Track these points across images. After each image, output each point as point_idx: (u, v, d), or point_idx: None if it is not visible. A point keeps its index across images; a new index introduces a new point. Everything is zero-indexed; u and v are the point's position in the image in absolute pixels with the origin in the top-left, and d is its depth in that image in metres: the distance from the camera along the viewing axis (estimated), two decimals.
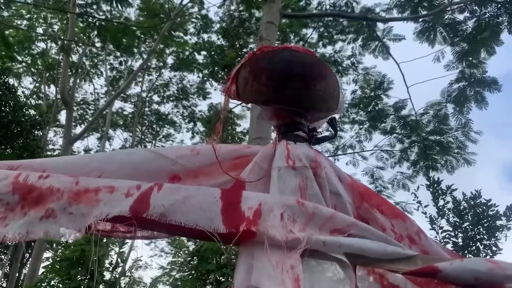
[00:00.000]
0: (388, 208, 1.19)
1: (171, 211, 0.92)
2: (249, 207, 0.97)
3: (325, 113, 1.28)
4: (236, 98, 1.29)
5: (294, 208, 1.01)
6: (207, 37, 13.30)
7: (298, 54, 1.25)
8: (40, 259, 9.89)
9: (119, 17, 13.56)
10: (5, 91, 9.77)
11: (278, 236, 0.93)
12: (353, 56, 11.44)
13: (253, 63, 1.24)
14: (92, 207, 0.92)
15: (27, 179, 0.98)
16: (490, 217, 6.05)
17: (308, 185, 1.10)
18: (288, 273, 0.90)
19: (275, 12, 7.22)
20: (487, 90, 8.70)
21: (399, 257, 1.05)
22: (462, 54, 8.61)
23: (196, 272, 6.62)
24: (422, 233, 1.20)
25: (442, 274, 1.04)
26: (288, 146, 1.16)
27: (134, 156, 1.11)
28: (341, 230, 1.02)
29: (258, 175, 1.12)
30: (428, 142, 9.81)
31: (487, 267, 1.05)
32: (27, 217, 0.90)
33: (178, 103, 17.11)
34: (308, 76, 1.19)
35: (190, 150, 1.14)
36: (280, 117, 1.25)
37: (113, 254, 8.56)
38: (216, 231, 0.92)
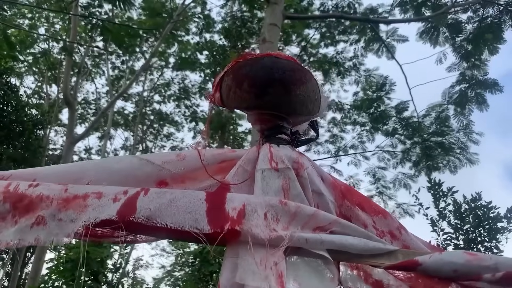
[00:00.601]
0: (370, 206, 1.23)
1: (157, 213, 0.96)
2: (233, 207, 1.01)
3: (306, 116, 1.32)
4: (221, 104, 1.33)
5: (277, 207, 1.04)
6: (209, 37, 13.39)
7: (279, 60, 1.30)
8: (42, 259, 9.85)
9: (121, 16, 13.58)
10: (7, 90, 9.75)
11: (261, 234, 0.97)
12: (355, 58, 11.52)
13: (235, 71, 1.29)
14: (81, 213, 0.95)
15: (18, 188, 1.01)
16: (491, 219, 6.06)
17: (291, 186, 1.14)
18: (271, 270, 0.93)
19: (278, 13, 7.27)
20: (489, 92, 8.78)
21: (380, 252, 1.09)
22: (464, 55, 8.68)
23: (199, 273, 6.60)
24: (403, 229, 1.24)
25: (422, 267, 1.08)
26: (271, 149, 1.20)
27: (122, 163, 1.15)
28: (324, 228, 1.06)
29: (242, 177, 1.16)
30: (430, 143, 9.84)
31: (465, 259, 1.09)
32: (18, 225, 0.93)
33: (180, 102, 17.12)
34: (289, 82, 1.23)
35: (176, 156, 1.18)
36: (263, 121, 1.29)
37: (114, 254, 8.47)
38: (201, 231, 0.96)
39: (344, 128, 11.83)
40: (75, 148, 14.07)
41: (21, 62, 13.55)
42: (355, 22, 10.56)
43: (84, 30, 13.71)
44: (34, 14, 13.77)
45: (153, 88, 17.63)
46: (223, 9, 11.96)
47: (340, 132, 11.94)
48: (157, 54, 14.62)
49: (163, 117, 17.59)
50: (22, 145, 9.98)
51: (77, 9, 10.91)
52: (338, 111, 12.05)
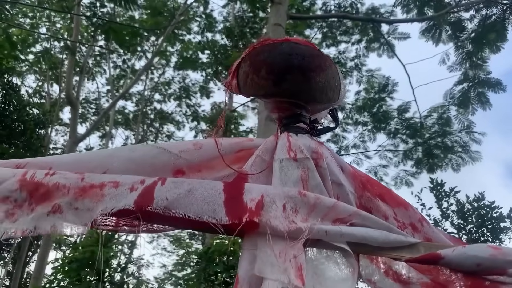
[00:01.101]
0: (391, 197, 1.20)
1: (175, 204, 0.94)
2: (251, 198, 0.99)
3: (326, 104, 1.28)
4: (237, 92, 1.30)
5: (296, 199, 1.02)
6: (211, 36, 13.32)
7: (298, 46, 1.26)
8: (46, 259, 9.98)
9: (122, 15, 13.56)
10: (8, 90, 9.82)
11: (280, 226, 0.95)
12: (357, 58, 11.42)
13: (252, 57, 1.25)
14: (98, 202, 0.94)
15: (34, 177, 1.00)
16: (494, 219, 6.07)
17: (310, 176, 1.11)
18: (291, 262, 0.91)
19: (282, 14, 7.18)
20: (492, 91, 8.69)
21: (401, 245, 1.07)
22: (466, 54, 8.55)
23: (204, 273, 6.65)
24: (425, 221, 1.21)
25: (445, 261, 1.05)
26: (290, 138, 1.17)
27: (138, 152, 1.13)
28: (343, 220, 1.04)
29: (260, 167, 1.14)
30: (432, 142, 9.79)
31: (490, 253, 1.06)
32: (35, 213, 0.93)
33: (181, 101, 17.13)
34: (307, 68, 1.19)
35: (193, 145, 1.16)
36: (281, 109, 1.26)
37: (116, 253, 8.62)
38: (219, 222, 0.94)
39: (346, 128, 11.78)
40: (77, 148, 14.23)
41: (22, 61, 13.60)
42: (357, 22, 10.43)
43: (86, 30, 13.68)
44: (36, 14, 13.79)
45: (153, 87, 17.61)
46: (225, 9, 11.86)
47: (342, 131, 11.92)
48: (158, 54, 14.57)
49: (164, 116, 17.60)
50: (23, 144, 10.07)
51: (79, 9, 10.88)
52: (340, 110, 11.96)
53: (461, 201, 6.42)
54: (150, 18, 13.14)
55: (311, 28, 11.99)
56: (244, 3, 9.75)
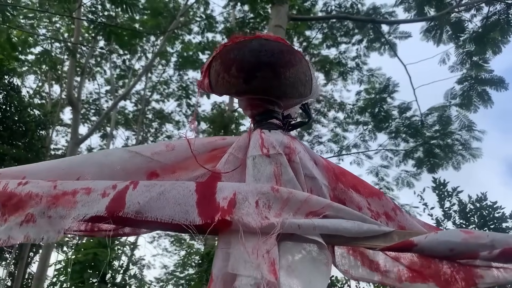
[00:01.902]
0: (364, 188, 1.22)
1: (147, 207, 0.95)
2: (223, 197, 1.00)
3: (298, 99, 1.29)
4: (210, 91, 1.30)
5: (269, 194, 1.03)
6: (212, 37, 13.26)
7: (268, 42, 1.26)
8: (48, 260, 9.99)
9: (122, 15, 13.41)
10: (9, 91, 9.74)
11: (252, 223, 0.96)
12: (358, 58, 11.42)
13: (223, 55, 1.26)
14: (70, 209, 0.95)
15: (7, 187, 1.01)
16: (496, 219, 6.08)
17: (282, 171, 1.12)
18: (263, 258, 0.93)
19: (283, 15, 7.15)
20: (494, 89, 8.69)
21: (375, 234, 1.08)
22: (467, 55, 8.54)
23: (206, 274, 6.67)
24: (398, 209, 1.23)
25: (418, 248, 1.07)
26: (262, 135, 1.18)
27: (111, 156, 1.14)
28: (316, 212, 1.05)
29: (233, 165, 1.15)
30: (433, 141, 9.82)
31: (462, 238, 1.08)
32: (8, 223, 0.93)
33: (181, 101, 17.07)
34: (277, 64, 1.20)
35: (165, 146, 1.16)
36: (254, 106, 1.27)
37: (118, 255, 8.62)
38: (192, 223, 0.95)
39: (347, 128, 11.78)
40: (78, 149, 14.14)
41: (22, 62, 13.43)
42: (358, 23, 10.41)
43: (87, 31, 13.53)
44: (36, 15, 13.60)
45: (153, 87, 17.50)
46: (225, 9, 11.78)
47: (343, 131, 11.94)
48: (159, 54, 14.48)
49: (164, 116, 17.52)
50: (25, 145, 10.01)
51: (80, 10, 10.75)
52: (341, 111, 12.01)
53: (464, 201, 6.44)
54: (150, 19, 12.99)
55: (312, 29, 11.97)
56: (245, 4, 9.70)
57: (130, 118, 17.82)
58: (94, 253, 6.76)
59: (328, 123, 12.45)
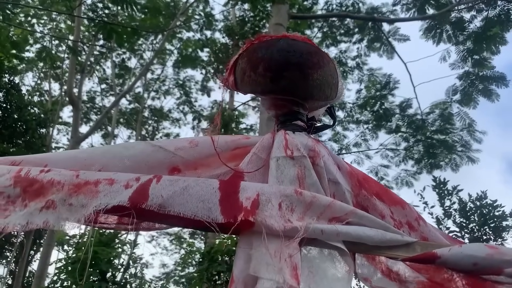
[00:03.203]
0: (387, 196, 1.20)
1: (170, 202, 0.93)
2: (247, 197, 0.98)
3: (323, 101, 1.27)
4: (235, 88, 1.29)
5: (292, 197, 1.01)
6: (210, 34, 13.28)
7: (296, 43, 1.25)
8: (49, 258, 9.97)
9: (121, 14, 13.45)
10: (10, 89, 9.77)
11: (276, 225, 0.94)
12: (358, 57, 11.40)
13: (250, 53, 1.24)
14: (92, 198, 0.93)
15: (29, 173, 1.00)
16: (496, 217, 6.04)
17: (306, 175, 1.10)
18: (286, 262, 0.91)
19: (284, 13, 7.15)
20: (495, 85, 8.66)
21: (398, 244, 1.06)
22: (467, 52, 8.52)
23: (207, 273, 6.65)
24: (421, 220, 1.20)
25: (441, 260, 1.04)
26: (286, 136, 1.16)
27: (133, 149, 1.12)
28: (340, 219, 1.03)
29: (256, 165, 1.13)
30: (433, 140, 9.79)
31: (486, 253, 1.05)
32: (28, 208, 0.92)
33: (180, 99, 17.09)
34: (305, 65, 1.18)
35: (188, 142, 1.15)
36: (278, 107, 1.25)
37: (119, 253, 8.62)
38: (214, 221, 0.93)
39: (347, 126, 11.76)
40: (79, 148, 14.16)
41: (22, 59, 13.48)
42: (358, 22, 10.41)
43: (88, 29, 13.57)
44: (36, 12, 13.68)
45: (148, 84, 17.53)
46: (225, 7, 11.81)
47: (343, 130, 11.91)
48: (159, 53, 14.52)
49: (162, 114, 17.52)
50: (25, 144, 10.03)
51: (80, 8, 10.80)
52: (341, 109, 11.98)
53: (464, 199, 6.42)
54: (149, 17, 13.01)
55: (311, 28, 11.96)
56: (246, 2, 9.72)
57: (129, 116, 17.85)
58: (95, 251, 6.74)
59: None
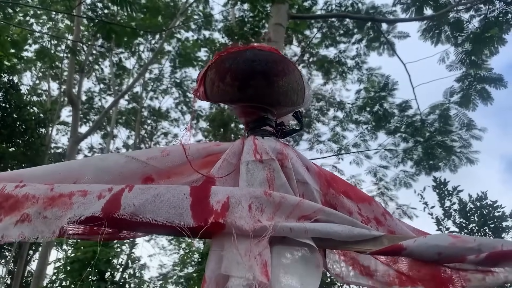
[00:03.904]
0: (355, 193, 1.25)
1: (142, 209, 0.97)
2: (217, 200, 1.02)
3: (290, 107, 1.33)
4: (205, 99, 1.34)
5: (262, 199, 1.06)
6: (209, 34, 13.35)
7: (261, 52, 1.31)
8: (47, 258, 9.90)
9: (121, 14, 13.42)
10: (9, 89, 9.70)
11: (245, 226, 0.98)
12: (357, 57, 11.52)
13: (218, 65, 1.29)
14: (66, 210, 0.96)
15: (4, 189, 1.03)
16: (496, 218, 6.08)
17: (275, 177, 1.15)
18: (256, 260, 0.95)
19: (283, 13, 7.23)
20: (493, 87, 8.70)
21: (365, 238, 1.11)
22: (466, 54, 8.59)
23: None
24: (388, 214, 1.25)
25: (407, 252, 1.09)
26: (256, 141, 1.21)
27: (107, 161, 1.16)
28: (308, 216, 1.08)
29: (227, 170, 1.17)
30: (432, 141, 9.85)
31: (449, 242, 1.11)
32: (3, 223, 0.95)
33: (178, 99, 17.10)
34: (270, 73, 1.24)
35: (160, 152, 1.19)
36: (247, 114, 1.30)
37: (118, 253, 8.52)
38: (186, 225, 0.97)
39: (346, 127, 11.82)
40: (78, 147, 14.01)
41: (21, 59, 13.39)
42: (358, 22, 10.54)
43: (87, 29, 13.58)
44: (36, 12, 13.63)
45: (147, 84, 17.54)
46: (225, 7, 11.91)
47: (342, 131, 11.97)
48: (159, 53, 14.57)
49: (160, 114, 17.50)
50: (24, 143, 9.95)
51: (80, 8, 10.80)
52: (340, 110, 12.07)
53: (464, 200, 6.45)
54: (147, 17, 12.99)
55: (311, 29, 12.06)
56: (245, 3, 9.81)
57: (128, 116, 17.76)
58: (93, 251, 6.76)
59: (328, 122, 12.45)
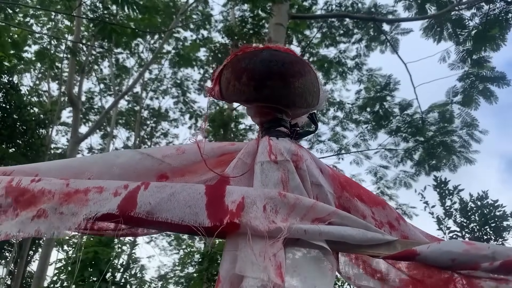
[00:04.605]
0: (369, 197, 1.24)
1: (158, 208, 0.97)
2: (232, 200, 1.02)
3: (305, 109, 1.33)
4: (220, 98, 1.34)
5: (276, 200, 1.06)
6: (207, 34, 13.35)
7: (278, 53, 1.30)
8: (48, 258, 9.90)
9: (119, 14, 13.43)
10: (9, 89, 9.71)
11: (260, 226, 0.98)
12: (357, 57, 11.48)
13: (234, 64, 1.29)
14: (82, 207, 0.96)
15: (20, 183, 1.03)
16: (497, 217, 6.08)
17: (290, 178, 1.15)
18: (270, 261, 0.95)
19: (284, 13, 7.23)
20: (496, 86, 8.65)
21: (379, 242, 1.11)
22: (467, 53, 8.54)
23: (207, 273, 6.63)
24: (401, 219, 1.25)
25: (420, 257, 1.09)
26: (270, 142, 1.21)
27: (122, 157, 1.16)
28: (322, 219, 1.07)
29: (242, 170, 1.17)
30: (433, 141, 9.81)
31: (463, 249, 1.10)
32: (19, 217, 0.95)
33: (178, 99, 17.08)
34: (287, 74, 1.24)
35: (175, 150, 1.19)
36: (262, 114, 1.30)
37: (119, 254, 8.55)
38: (201, 225, 0.97)
39: (347, 127, 11.82)
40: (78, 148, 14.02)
41: (21, 59, 13.41)
42: (358, 22, 10.50)
43: (87, 29, 13.60)
44: (36, 13, 13.66)
45: (146, 84, 17.54)
46: (225, 7, 11.92)
47: (342, 130, 11.96)
48: (159, 53, 14.57)
49: (160, 114, 17.50)
50: (25, 144, 9.97)
51: (80, 8, 10.82)
52: (340, 110, 12.04)
53: (465, 199, 6.46)
54: (145, 17, 13.01)
55: (311, 29, 12.04)
56: (246, 3, 9.78)
57: (128, 117, 17.78)
58: (95, 252, 6.77)
59: (328, 121, 12.43)
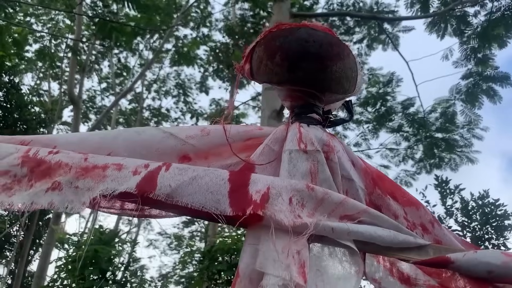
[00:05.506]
0: (402, 195, 1.16)
1: (178, 192, 0.91)
2: (257, 190, 0.95)
3: (341, 95, 1.23)
4: (250, 77, 1.26)
5: (304, 192, 0.98)
6: (207, 32, 13.20)
7: (316, 32, 1.20)
8: (48, 257, 9.95)
9: (119, 13, 13.30)
10: (10, 89, 9.75)
11: (285, 220, 0.91)
12: (359, 56, 11.19)
13: (267, 42, 1.20)
14: (99, 182, 0.91)
15: (37, 154, 0.98)
16: (498, 216, 6.05)
17: (319, 170, 1.07)
18: (293, 258, 0.88)
19: (285, 12, 7.09)
20: (499, 85, 8.48)
21: (410, 246, 1.03)
22: (471, 50, 8.32)
23: (207, 272, 6.66)
24: (436, 222, 1.16)
25: (454, 265, 1.01)
26: (301, 129, 1.13)
27: (144, 134, 1.10)
28: (351, 217, 1.00)
29: (268, 157, 1.10)
30: (435, 140, 9.67)
31: (502, 261, 1.01)
32: (33, 188, 0.91)
33: (178, 98, 17.00)
34: (325, 57, 1.14)
35: (200, 130, 1.12)
36: (294, 98, 1.21)
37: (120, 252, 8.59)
38: (222, 213, 0.91)
39: (348, 126, 11.65)
40: None
41: (22, 58, 13.40)
42: (359, 21, 10.24)
43: (88, 28, 13.48)
44: (36, 11, 13.60)
45: (150, 85, 17.45)
46: (226, 6, 11.68)
47: (343, 130, 11.80)
48: (159, 52, 14.42)
49: (161, 113, 17.45)
50: None
51: (81, 7, 10.73)
52: (340, 110, 11.81)
53: (466, 198, 6.43)
54: (148, 16, 12.84)
55: None
56: (247, 1, 9.58)
57: (129, 116, 17.81)
58: (95, 250, 6.72)
59: None
